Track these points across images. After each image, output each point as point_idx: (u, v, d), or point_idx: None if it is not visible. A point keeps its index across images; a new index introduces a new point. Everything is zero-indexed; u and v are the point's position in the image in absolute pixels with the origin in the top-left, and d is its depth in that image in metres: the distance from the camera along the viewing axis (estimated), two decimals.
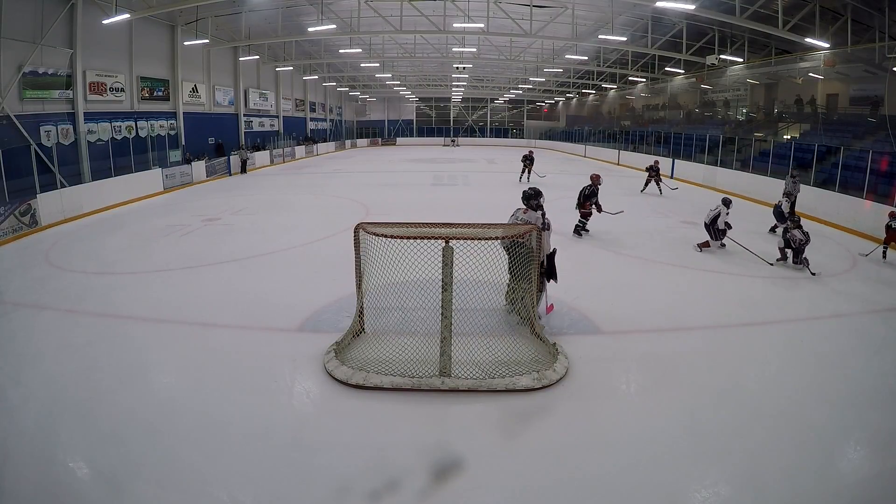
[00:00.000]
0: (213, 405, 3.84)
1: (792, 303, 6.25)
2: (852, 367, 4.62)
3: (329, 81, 34.47)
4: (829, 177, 12.33)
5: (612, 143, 28.12)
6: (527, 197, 5.63)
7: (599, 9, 18.15)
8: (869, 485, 3.16)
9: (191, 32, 18.04)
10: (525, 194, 5.68)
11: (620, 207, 10.74)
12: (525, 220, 5.44)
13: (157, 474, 3.11)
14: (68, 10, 13.25)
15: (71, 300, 6.04)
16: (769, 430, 3.61)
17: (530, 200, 5.58)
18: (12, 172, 10.65)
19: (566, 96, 39.96)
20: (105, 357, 4.62)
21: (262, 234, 9.57)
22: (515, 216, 5.63)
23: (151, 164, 16.16)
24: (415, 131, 45.68)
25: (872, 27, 14.61)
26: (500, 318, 5.30)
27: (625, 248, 8.61)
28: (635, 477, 3.14)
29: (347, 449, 3.37)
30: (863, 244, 9.43)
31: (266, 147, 24.82)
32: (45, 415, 3.71)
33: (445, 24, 17.06)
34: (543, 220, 5.49)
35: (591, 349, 4.79)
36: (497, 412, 3.79)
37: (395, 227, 4.30)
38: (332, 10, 17.74)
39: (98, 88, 14.75)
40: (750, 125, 21.03)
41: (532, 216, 5.47)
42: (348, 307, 5.22)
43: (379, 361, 4.30)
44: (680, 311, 5.87)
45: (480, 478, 3.12)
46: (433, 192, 15.63)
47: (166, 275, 7.11)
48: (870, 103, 15.59)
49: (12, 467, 3.16)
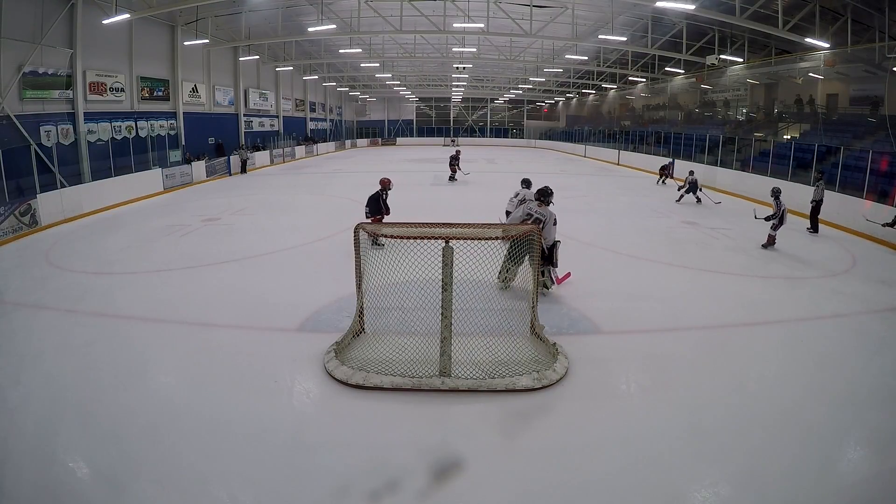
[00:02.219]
0: (213, 405, 3.84)
1: (792, 303, 6.25)
2: (852, 367, 4.62)
3: (329, 81, 34.49)
4: (829, 177, 12.32)
5: (612, 143, 28.13)
6: (544, 194, 6.29)
7: (599, 9, 18.15)
8: (869, 485, 3.16)
9: (191, 32, 18.04)
10: (542, 191, 6.32)
11: (628, 205, 10.71)
12: (540, 213, 6.11)
13: (158, 474, 3.11)
14: (68, 10, 13.25)
15: (71, 300, 6.04)
16: (769, 430, 3.60)
17: (548, 197, 6.27)
18: (12, 172, 10.66)
19: (566, 96, 39.97)
20: (105, 357, 4.62)
21: (262, 234, 9.57)
22: (529, 208, 6.28)
23: (151, 164, 16.16)
24: (415, 131, 45.70)
25: (872, 27, 14.61)
26: (500, 318, 5.29)
27: (625, 248, 8.61)
28: (635, 477, 3.14)
29: (347, 449, 3.37)
30: (863, 244, 9.43)
31: (266, 147, 24.82)
32: (45, 415, 3.71)
33: (445, 24, 17.06)
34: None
35: (591, 349, 4.78)
36: (497, 412, 3.79)
37: (395, 227, 4.30)
38: (332, 10, 17.75)
39: (98, 88, 14.75)
40: (750, 125, 21.03)
41: (546, 211, 6.13)
42: (348, 307, 5.22)
43: (379, 361, 4.30)
44: (680, 311, 5.86)
45: (480, 478, 3.12)
46: (433, 192, 15.63)
47: (166, 275, 7.11)
48: (870, 103, 15.59)
49: (12, 467, 3.15)
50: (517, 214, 6.35)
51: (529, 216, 6.14)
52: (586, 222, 10.73)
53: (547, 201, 6.22)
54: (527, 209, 6.27)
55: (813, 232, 10.16)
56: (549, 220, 6.02)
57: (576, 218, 10.98)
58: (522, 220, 6.11)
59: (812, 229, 10.25)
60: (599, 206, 13.11)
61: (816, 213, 10.13)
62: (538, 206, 6.17)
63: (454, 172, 17.84)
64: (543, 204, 6.18)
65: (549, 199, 6.24)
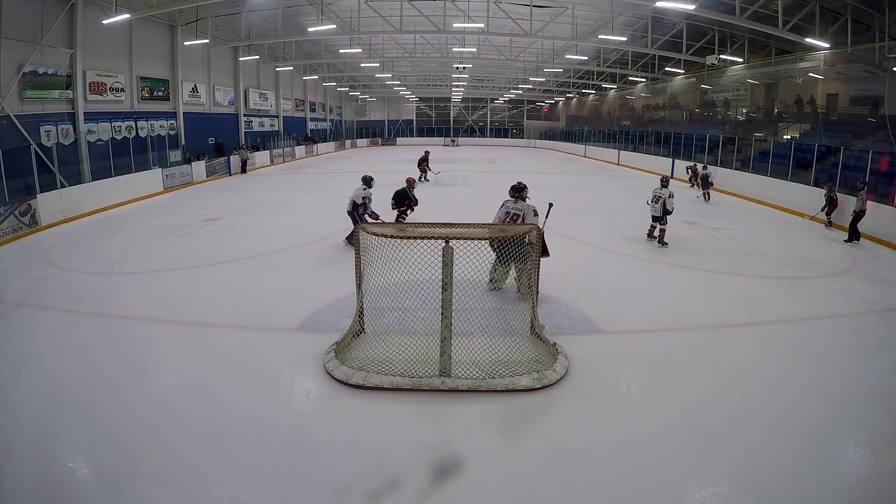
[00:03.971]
0: (213, 405, 3.84)
1: (792, 303, 6.24)
2: (852, 367, 4.62)
3: (329, 81, 34.47)
4: (829, 177, 12.33)
5: (612, 144, 28.13)
6: (517, 189, 6.45)
7: (599, 9, 18.15)
8: (869, 485, 3.16)
9: (191, 32, 18.03)
10: (515, 188, 6.47)
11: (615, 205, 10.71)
12: (517, 209, 6.28)
13: (158, 474, 3.11)
14: (68, 10, 13.24)
15: (71, 300, 6.04)
16: (769, 430, 3.61)
17: (521, 192, 6.43)
18: (12, 172, 10.64)
19: (566, 96, 39.98)
20: (105, 357, 4.62)
21: (262, 234, 9.56)
22: (506, 207, 6.41)
23: (151, 164, 16.14)
24: (415, 131, 45.68)
25: (872, 27, 14.61)
26: (500, 318, 5.30)
27: (625, 248, 8.61)
28: (635, 477, 3.14)
29: (347, 449, 3.37)
30: (863, 244, 9.43)
31: (266, 147, 24.81)
32: (45, 415, 3.71)
33: (445, 24, 17.05)
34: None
35: (591, 349, 4.78)
36: (497, 412, 3.79)
37: (395, 227, 4.29)
38: (332, 10, 17.75)
39: (98, 88, 14.75)
40: (750, 125, 21.03)
41: (522, 205, 6.29)
42: (348, 307, 5.22)
43: (379, 361, 4.30)
44: (680, 311, 5.86)
45: (480, 478, 3.12)
46: (433, 192, 15.62)
47: (166, 275, 7.11)
48: (870, 103, 15.59)
49: (12, 467, 3.15)
50: (499, 216, 6.44)
51: (508, 214, 6.30)
52: (586, 222, 10.72)
53: (521, 196, 6.39)
54: (505, 209, 6.40)
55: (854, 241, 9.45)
56: (528, 212, 6.20)
57: (576, 218, 10.98)
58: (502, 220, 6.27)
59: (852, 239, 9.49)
60: (599, 206, 13.12)
61: (856, 222, 9.47)
62: (514, 203, 6.35)
63: (424, 174, 17.31)
64: (519, 199, 6.34)
65: (522, 195, 6.40)
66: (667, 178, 9.17)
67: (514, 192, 6.43)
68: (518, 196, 6.38)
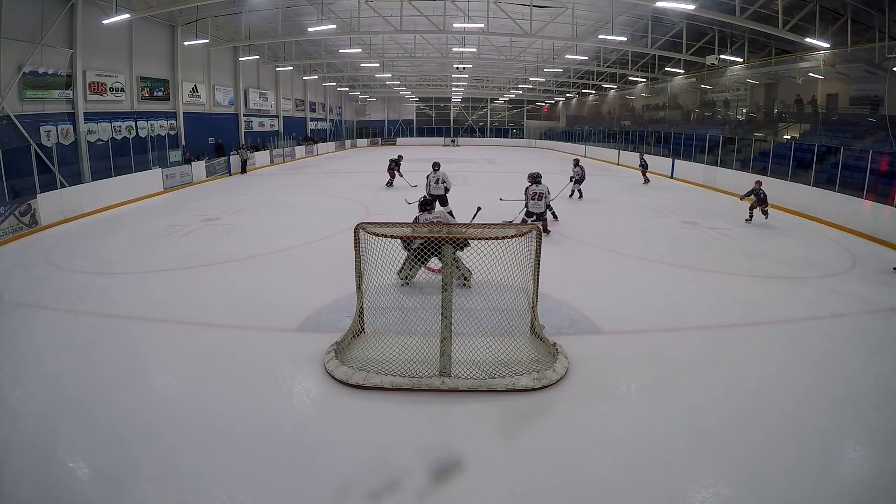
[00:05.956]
0: (213, 405, 3.84)
1: (792, 303, 6.24)
2: (852, 367, 4.62)
3: (329, 81, 34.46)
4: (829, 177, 12.33)
5: (612, 143, 28.11)
6: (535, 176, 8.72)
7: (599, 9, 18.14)
8: (869, 485, 3.16)
9: (191, 32, 18.03)
10: (533, 175, 8.73)
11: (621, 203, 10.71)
12: (540, 189, 8.60)
13: (158, 474, 3.11)
14: (68, 10, 13.24)
15: (71, 300, 6.04)
16: (769, 430, 3.61)
17: (539, 178, 8.72)
18: (12, 172, 10.64)
19: (566, 96, 39.96)
20: (105, 357, 4.62)
21: (262, 234, 9.56)
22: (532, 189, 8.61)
23: (151, 164, 16.13)
24: (415, 131, 45.67)
25: (872, 27, 14.61)
26: (500, 318, 5.29)
27: (625, 248, 8.61)
28: (635, 477, 3.14)
29: (347, 449, 3.37)
30: (863, 244, 9.43)
31: (266, 147, 24.81)
32: (45, 415, 3.71)
33: (445, 24, 17.05)
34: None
35: (591, 349, 4.78)
36: (497, 412, 3.79)
37: (395, 227, 4.29)
38: (332, 10, 17.74)
39: (98, 88, 14.75)
40: (750, 125, 21.02)
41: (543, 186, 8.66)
42: (348, 307, 5.22)
43: (379, 361, 4.30)
44: (680, 311, 5.86)
45: (480, 478, 3.12)
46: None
47: (166, 275, 7.11)
48: (870, 103, 15.58)
49: (12, 467, 3.16)
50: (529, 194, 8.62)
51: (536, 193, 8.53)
52: (586, 222, 10.73)
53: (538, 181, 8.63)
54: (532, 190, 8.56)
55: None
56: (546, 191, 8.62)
57: (576, 217, 10.99)
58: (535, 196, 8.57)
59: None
60: (599, 206, 13.11)
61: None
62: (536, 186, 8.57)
63: (392, 178, 15.69)
64: (427, 212, 6.36)
65: (539, 179, 8.64)
66: None
67: (532, 179, 8.68)
68: (536, 181, 8.64)
